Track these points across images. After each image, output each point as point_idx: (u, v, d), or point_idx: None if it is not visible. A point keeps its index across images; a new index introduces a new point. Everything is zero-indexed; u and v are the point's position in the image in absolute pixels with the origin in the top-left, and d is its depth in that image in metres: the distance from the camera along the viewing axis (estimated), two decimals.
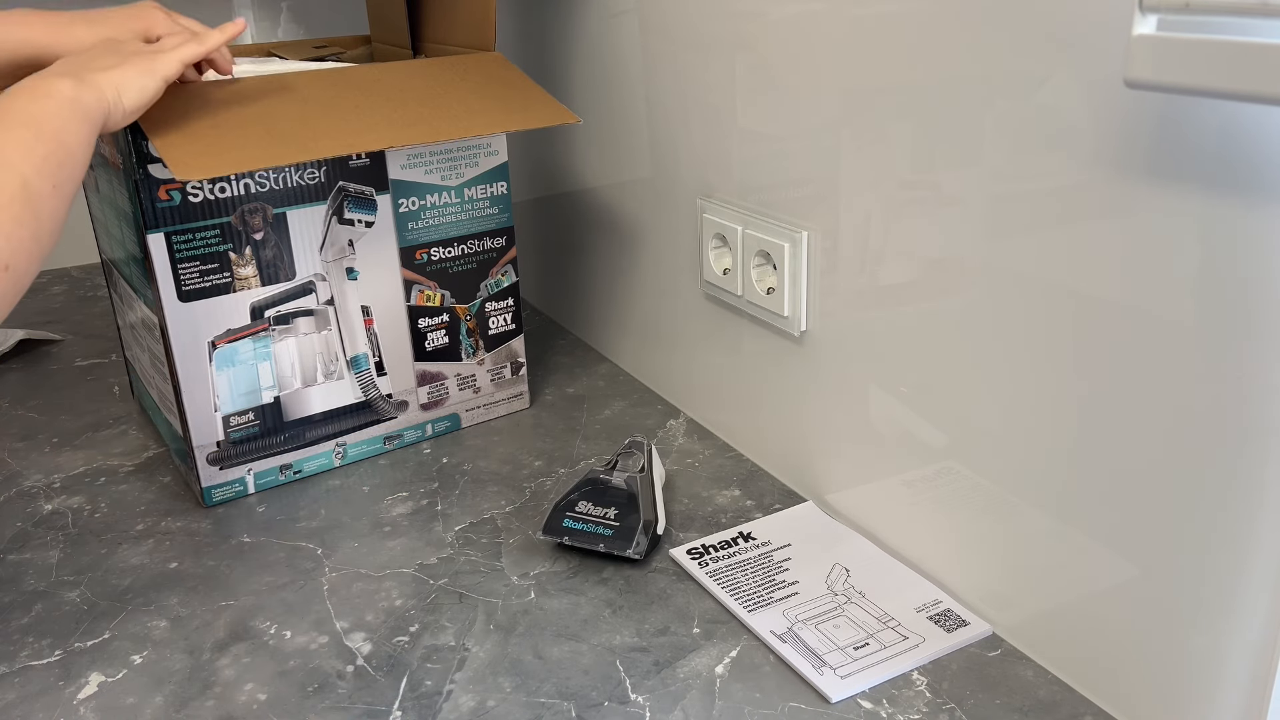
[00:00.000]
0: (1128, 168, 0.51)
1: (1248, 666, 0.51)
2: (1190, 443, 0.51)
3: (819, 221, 0.74)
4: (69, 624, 0.70)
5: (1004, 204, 0.59)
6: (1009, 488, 0.63)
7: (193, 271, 0.78)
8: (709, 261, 0.86)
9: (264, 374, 0.84)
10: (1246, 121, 0.45)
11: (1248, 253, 0.47)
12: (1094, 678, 0.60)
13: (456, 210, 0.90)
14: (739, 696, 0.62)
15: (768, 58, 0.75)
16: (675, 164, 0.90)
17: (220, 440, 0.83)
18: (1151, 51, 0.43)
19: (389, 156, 0.85)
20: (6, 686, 0.65)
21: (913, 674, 0.63)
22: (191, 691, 0.64)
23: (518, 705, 0.62)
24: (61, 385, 1.10)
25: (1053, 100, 0.54)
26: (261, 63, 1.01)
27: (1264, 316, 0.47)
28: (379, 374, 0.90)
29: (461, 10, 0.93)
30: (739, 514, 0.81)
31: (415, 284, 0.89)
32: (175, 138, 0.70)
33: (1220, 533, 0.51)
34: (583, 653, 0.66)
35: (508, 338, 0.97)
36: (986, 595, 0.67)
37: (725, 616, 0.69)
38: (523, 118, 0.83)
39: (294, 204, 0.81)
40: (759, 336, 0.84)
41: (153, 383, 0.91)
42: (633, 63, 0.93)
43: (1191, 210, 0.49)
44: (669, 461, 0.89)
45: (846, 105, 0.69)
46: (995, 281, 0.61)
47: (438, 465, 0.90)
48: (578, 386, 1.05)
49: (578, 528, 0.75)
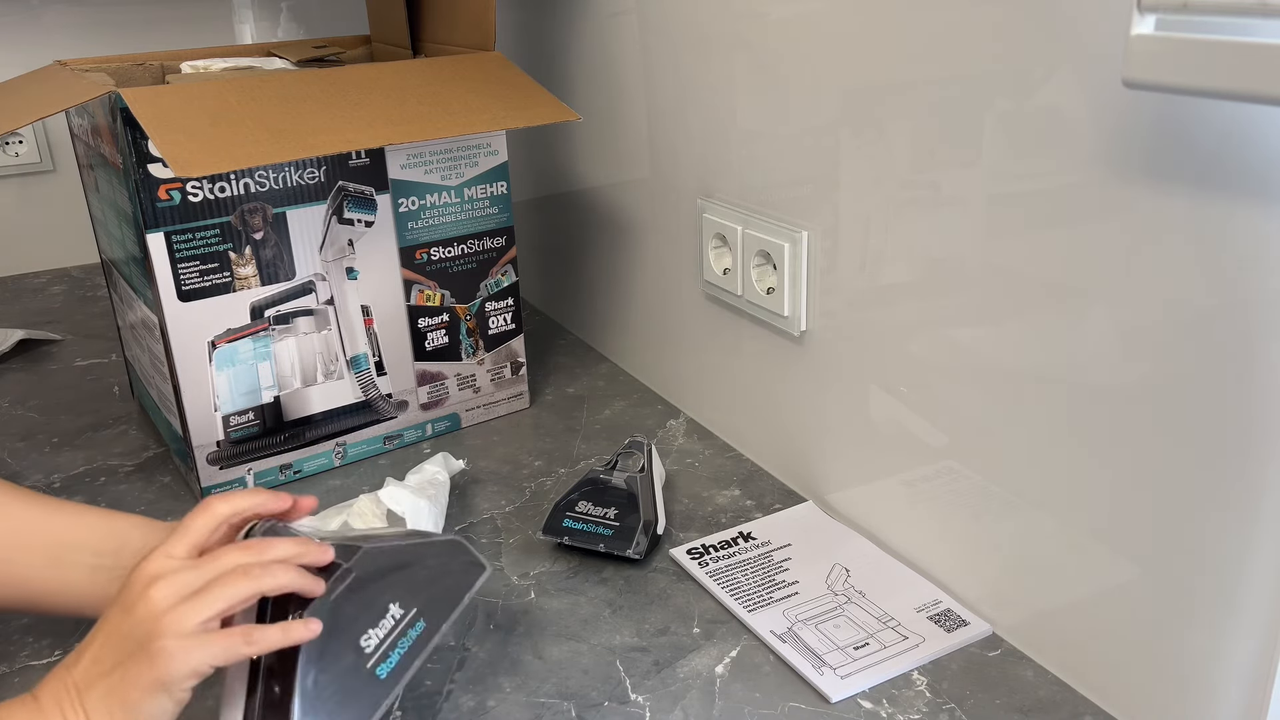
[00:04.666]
0: (1126, 167, 0.51)
1: (1248, 666, 0.51)
2: (1190, 443, 0.51)
3: (819, 221, 0.74)
4: (69, 624, 0.70)
5: (1004, 204, 0.59)
6: (1009, 488, 0.63)
7: (193, 271, 0.78)
8: (709, 261, 0.86)
9: (264, 374, 0.84)
10: (1245, 121, 0.45)
11: (1247, 252, 0.47)
12: (1094, 678, 0.60)
13: (456, 210, 0.90)
14: (739, 696, 0.62)
15: (768, 58, 0.75)
16: (675, 164, 0.90)
17: (220, 440, 0.83)
18: (1150, 51, 0.43)
19: (389, 156, 0.85)
20: (6, 686, 0.65)
21: (913, 674, 0.63)
22: None
23: (518, 705, 0.62)
24: (61, 385, 1.10)
25: (1052, 100, 0.54)
26: (262, 62, 1.01)
27: (1264, 316, 0.47)
28: (379, 374, 0.90)
29: (461, 10, 0.93)
30: (739, 514, 0.81)
31: (415, 284, 0.89)
32: (175, 136, 0.70)
33: (1220, 533, 0.51)
34: (583, 653, 0.66)
35: (508, 338, 0.97)
36: (986, 595, 0.67)
37: (725, 616, 0.69)
38: (523, 115, 0.83)
39: (294, 203, 0.81)
40: (759, 336, 0.84)
41: (153, 383, 0.91)
42: (633, 63, 0.93)
43: (1190, 210, 0.49)
44: (669, 461, 0.89)
45: (846, 105, 0.69)
46: (995, 281, 0.61)
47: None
48: (578, 386, 1.05)
49: (578, 528, 0.75)
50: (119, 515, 0.63)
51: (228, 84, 0.78)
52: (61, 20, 1.50)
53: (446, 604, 0.58)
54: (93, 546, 0.61)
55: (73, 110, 0.91)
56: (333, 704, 0.52)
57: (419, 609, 0.57)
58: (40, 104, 0.77)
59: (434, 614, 0.57)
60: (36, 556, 0.60)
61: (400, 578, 0.57)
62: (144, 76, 1.00)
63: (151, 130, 0.70)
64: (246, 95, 0.77)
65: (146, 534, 0.62)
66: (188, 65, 0.98)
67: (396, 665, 0.54)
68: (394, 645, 0.55)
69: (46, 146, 1.53)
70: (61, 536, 0.61)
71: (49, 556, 0.60)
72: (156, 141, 0.70)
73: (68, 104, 0.75)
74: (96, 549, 0.61)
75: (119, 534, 0.61)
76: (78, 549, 0.61)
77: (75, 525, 0.62)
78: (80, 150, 0.95)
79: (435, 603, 0.58)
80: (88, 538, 0.61)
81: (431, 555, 0.60)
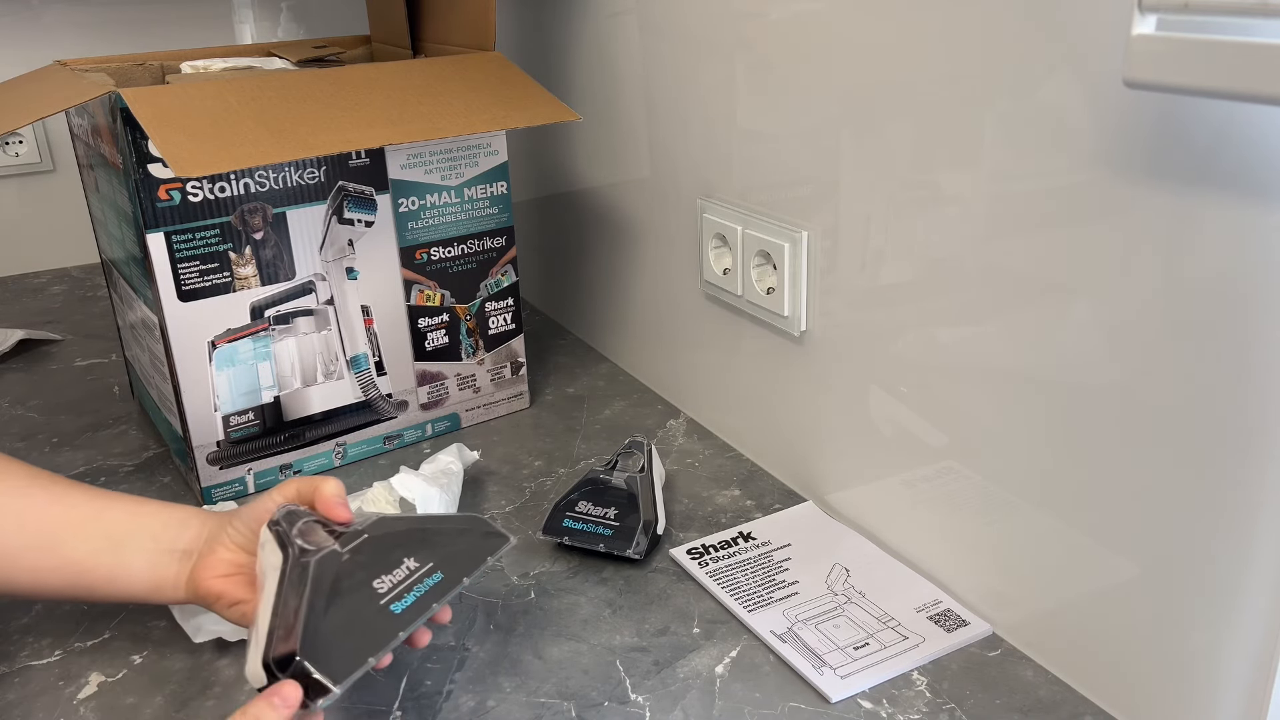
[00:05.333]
0: (1127, 167, 0.51)
1: (1248, 666, 0.51)
2: (1190, 443, 0.51)
3: (819, 221, 0.74)
4: (69, 624, 0.70)
5: (1004, 204, 0.59)
6: (1009, 488, 0.63)
7: (192, 271, 0.78)
8: (709, 261, 0.86)
9: (264, 374, 0.84)
10: (1245, 121, 0.45)
11: (1247, 252, 0.47)
12: (1094, 678, 0.60)
13: (456, 210, 0.90)
14: (739, 696, 0.62)
15: (768, 58, 0.75)
16: (675, 164, 0.90)
17: (220, 440, 0.83)
18: (1151, 51, 0.43)
19: (389, 156, 0.85)
20: (6, 686, 0.65)
21: (913, 674, 0.63)
22: (191, 691, 0.64)
23: (518, 705, 0.62)
24: (61, 385, 1.10)
25: (1053, 100, 0.54)
26: (262, 62, 1.01)
27: (1264, 316, 0.47)
28: (379, 374, 0.90)
29: (461, 10, 0.93)
30: (739, 514, 0.81)
31: (415, 284, 0.89)
32: (175, 136, 0.70)
33: (1220, 533, 0.51)
34: (583, 653, 0.66)
35: (508, 338, 0.97)
36: (986, 595, 0.67)
37: (725, 616, 0.69)
38: (523, 115, 0.83)
39: (294, 203, 0.81)
40: (759, 336, 0.84)
41: (153, 383, 0.91)
42: (632, 63, 0.93)
43: (1191, 209, 0.49)
44: (669, 461, 0.89)
45: (846, 105, 0.69)
46: (995, 281, 0.61)
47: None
48: (578, 386, 1.05)
49: (578, 528, 0.75)
50: (177, 505, 0.65)
51: (228, 84, 0.78)
52: (61, 20, 1.50)
53: (466, 563, 0.57)
54: (153, 532, 0.62)
55: (73, 110, 0.91)
56: (342, 629, 0.52)
57: (435, 563, 0.56)
58: (40, 104, 0.77)
59: (452, 569, 0.57)
60: (98, 543, 0.62)
61: (416, 538, 0.58)
62: (144, 76, 1.00)
63: (151, 130, 0.70)
64: (246, 95, 0.77)
65: (205, 520, 0.63)
66: (188, 65, 0.98)
67: (412, 604, 0.54)
68: (409, 589, 0.55)
69: (46, 146, 1.53)
70: (123, 523, 0.63)
71: (111, 542, 0.62)
72: (156, 141, 0.70)
73: (68, 104, 0.75)
74: (156, 534, 0.62)
75: (179, 521, 0.63)
76: (139, 535, 0.62)
77: (136, 513, 0.63)
78: (80, 150, 0.95)
79: (453, 560, 0.57)
80: (149, 524, 0.63)
81: (449, 524, 0.61)
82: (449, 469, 0.81)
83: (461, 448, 0.85)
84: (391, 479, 0.74)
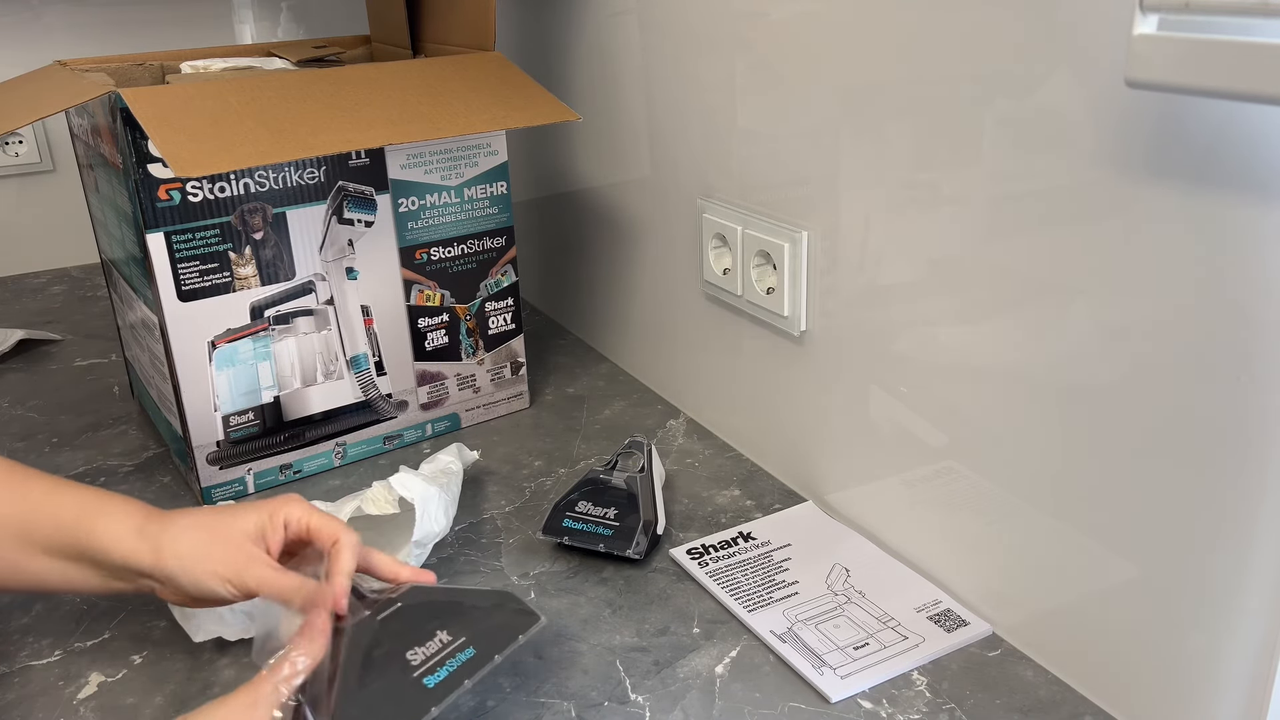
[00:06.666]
0: (1128, 167, 0.51)
1: (1248, 666, 0.51)
2: (1190, 443, 0.51)
3: (819, 221, 0.74)
4: (69, 624, 0.70)
5: (1004, 204, 0.59)
6: (1009, 488, 0.63)
7: (192, 271, 0.78)
8: (709, 261, 0.86)
9: (264, 374, 0.84)
10: (1245, 121, 0.45)
11: (1247, 252, 0.47)
12: (1094, 678, 0.60)
13: (456, 210, 0.90)
14: (739, 696, 0.62)
15: (768, 58, 0.75)
16: (675, 164, 0.90)
17: (220, 440, 0.83)
18: (1152, 51, 0.43)
19: (389, 156, 0.85)
20: (6, 686, 0.65)
21: (913, 674, 0.63)
22: (191, 691, 0.64)
23: (518, 705, 0.61)
24: (61, 385, 1.10)
25: (1053, 100, 0.54)
26: (262, 62, 1.01)
27: (1264, 316, 0.47)
28: (379, 374, 0.90)
29: (461, 10, 0.93)
30: (739, 514, 0.81)
31: (415, 284, 0.89)
32: (175, 136, 0.70)
33: (1220, 533, 0.51)
34: (583, 653, 0.66)
35: (508, 338, 0.97)
36: (986, 595, 0.67)
37: (725, 616, 0.69)
38: (523, 115, 0.83)
39: (294, 204, 0.81)
40: (759, 336, 0.84)
41: (153, 383, 0.91)
42: (632, 63, 0.93)
43: (1191, 209, 0.49)
44: (669, 461, 0.89)
45: (846, 104, 0.69)
46: (995, 281, 0.61)
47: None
48: (578, 386, 1.05)
49: (578, 528, 0.75)
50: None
51: (228, 84, 0.78)
52: (61, 20, 1.50)
53: (498, 640, 0.56)
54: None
55: (73, 110, 0.91)
56: (376, 701, 0.51)
57: (467, 638, 0.56)
58: (40, 104, 0.77)
59: (485, 646, 0.56)
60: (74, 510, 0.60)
61: (448, 611, 0.57)
62: (144, 76, 1.00)
63: (151, 130, 0.70)
64: (246, 95, 0.77)
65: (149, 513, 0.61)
66: (188, 65, 0.98)
67: (445, 679, 0.53)
68: (442, 663, 0.54)
69: (46, 146, 1.53)
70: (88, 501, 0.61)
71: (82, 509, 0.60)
72: (156, 141, 0.70)
73: (68, 104, 0.75)
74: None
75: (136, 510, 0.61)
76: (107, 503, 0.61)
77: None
78: (80, 150, 0.95)
79: (486, 636, 0.56)
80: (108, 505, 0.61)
81: (481, 599, 0.60)
82: (449, 469, 0.81)
83: (461, 448, 0.85)
84: (391, 479, 0.74)
